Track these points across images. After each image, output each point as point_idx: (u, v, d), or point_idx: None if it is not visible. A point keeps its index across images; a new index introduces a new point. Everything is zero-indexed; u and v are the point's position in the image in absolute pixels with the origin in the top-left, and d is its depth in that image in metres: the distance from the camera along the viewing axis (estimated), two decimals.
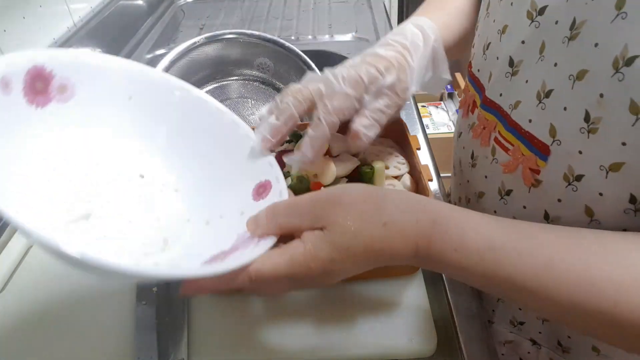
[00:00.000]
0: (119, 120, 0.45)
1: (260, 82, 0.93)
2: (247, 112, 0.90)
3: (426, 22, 0.54)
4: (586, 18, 0.37)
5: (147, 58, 1.18)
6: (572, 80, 0.38)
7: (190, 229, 0.44)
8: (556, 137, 0.41)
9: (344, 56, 1.14)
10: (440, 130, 2.07)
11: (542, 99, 0.41)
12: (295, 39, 1.23)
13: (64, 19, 1.04)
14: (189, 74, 0.87)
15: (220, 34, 0.86)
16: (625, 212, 0.37)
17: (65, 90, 0.42)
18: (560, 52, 0.39)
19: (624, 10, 0.34)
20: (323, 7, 1.42)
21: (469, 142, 0.56)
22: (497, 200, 0.50)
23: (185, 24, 1.40)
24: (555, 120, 0.40)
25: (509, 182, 0.48)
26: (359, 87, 0.47)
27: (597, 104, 0.36)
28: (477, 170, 0.54)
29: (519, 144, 0.45)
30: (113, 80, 0.44)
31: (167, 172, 0.47)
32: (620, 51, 0.34)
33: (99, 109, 0.44)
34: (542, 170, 0.42)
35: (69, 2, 1.06)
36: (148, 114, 0.46)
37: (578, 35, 0.37)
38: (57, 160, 0.42)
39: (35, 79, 0.40)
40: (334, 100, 0.46)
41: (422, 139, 0.82)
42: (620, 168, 0.36)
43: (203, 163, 0.47)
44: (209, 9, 1.46)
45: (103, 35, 1.13)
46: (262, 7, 1.44)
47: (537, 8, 0.41)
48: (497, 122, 0.49)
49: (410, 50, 0.51)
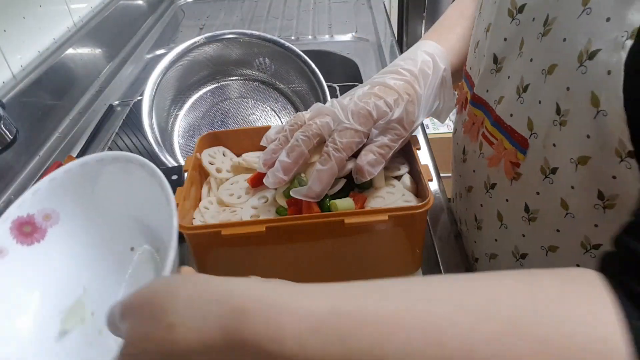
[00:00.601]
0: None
1: (260, 82, 0.93)
2: (247, 112, 0.90)
3: (436, 48, 0.54)
4: (557, 14, 0.38)
5: (147, 58, 1.19)
6: (544, 74, 0.40)
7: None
8: (533, 130, 0.42)
9: (344, 56, 1.14)
10: (440, 130, 2.06)
11: (521, 93, 0.43)
12: (295, 39, 1.23)
13: (64, 19, 1.04)
14: (189, 74, 0.87)
15: (220, 34, 0.86)
16: (595, 207, 0.38)
17: (50, 217, 0.51)
18: (535, 47, 0.41)
19: (589, 6, 0.35)
20: (323, 7, 1.42)
21: (461, 138, 0.57)
22: (484, 194, 0.51)
23: (185, 24, 1.40)
24: (532, 114, 0.42)
25: (493, 176, 0.49)
26: (367, 122, 0.47)
27: (565, 96, 0.37)
28: (467, 165, 0.55)
29: (502, 138, 0.46)
30: (73, 186, 0.52)
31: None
32: (585, 45, 0.35)
33: (81, 209, 0.52)
34: (522, 163, 0.44)
35: (69, 2, 1.06)
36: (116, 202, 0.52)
37: (550, 31, 0.39)
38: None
39: (21, 227, 0.49)
40: (343, 137, 0.46)
41: (422, 139, 0.82)
42: (587, 162, 0.37)
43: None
44: (209, 9, 1.46)
45: (103, 35, 1.13)
46: (262, 7, 1.44)
47: (517, 6, 0.43)
48: (484, 118, 0.50)
49: (419, 80, 0.51)
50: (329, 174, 0.47)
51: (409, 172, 0.55)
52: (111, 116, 0.96)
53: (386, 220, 0.46)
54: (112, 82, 1.08)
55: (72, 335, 0.46)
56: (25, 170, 0.81)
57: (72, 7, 1.07)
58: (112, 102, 0.99)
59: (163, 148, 0.76)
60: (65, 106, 0.96)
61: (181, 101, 0.88)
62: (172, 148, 0.84)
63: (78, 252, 0.51)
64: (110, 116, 0.96)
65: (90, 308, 0.48)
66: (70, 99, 0.98)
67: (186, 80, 0.87)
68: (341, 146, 0.46)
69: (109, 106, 0.98)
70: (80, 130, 0.91)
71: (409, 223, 0.48)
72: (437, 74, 0.53)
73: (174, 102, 0.87)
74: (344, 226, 0.45)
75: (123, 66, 1.14)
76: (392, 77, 0.50)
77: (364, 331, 0.26)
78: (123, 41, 1.24)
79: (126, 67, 1.14)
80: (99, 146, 0.87)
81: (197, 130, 0.86)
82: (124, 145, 0.89)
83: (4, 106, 0.63)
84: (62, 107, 0.95)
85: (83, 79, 1.03)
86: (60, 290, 0.49)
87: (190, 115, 0.88)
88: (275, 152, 0.49)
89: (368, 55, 1.14)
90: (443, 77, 0.54)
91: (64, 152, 0.86)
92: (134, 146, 0.91)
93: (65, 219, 0.52)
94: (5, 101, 0.77)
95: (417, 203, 0.48)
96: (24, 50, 0.90)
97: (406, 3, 2.11)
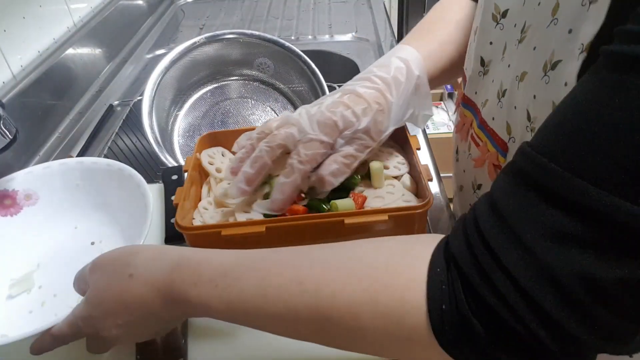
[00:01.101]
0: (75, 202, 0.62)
1: (260, 82, 0.93)
2: (247, 112, 0.90)
3: (412, 54, 0.53)
4: (532, 22, 0.39)
5: (147, 58, 1.19)
6: (517, 80, 0.40)
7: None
8: (511, 134, 0.42)
9: (344, 56, 1.14)
10: (440, 130, 2.06)
11: (501, 97, 0.43)
12: (295, 39, 1.23)
13: (64, 19, 1.04)
14: (189, 74, 0.87)
15: (220, 34, 0.86)
16: None
17: (30, 197, 0.60)
18: (513, 54, 0.41)
19: (556, 16, 0.35)
20: (323, 7, 1.42)
21: (455, 137, 0.58)
22: (472, 194, 0.52)
23: (185, 24, 1.40)
24: (509, 119, 0.42)
25: (479, 177, 0.50)
26: (333, 132, 0.47)
27: (533, 104, 0.38)
28: (459, 165, 0.56)
29: (487, 140, 0.47)
30: (63, 177, 0.61)
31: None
32: (549, 55, 0.35)
33: (60, 199, 0.61)
34: (503, 166, 0.44)
35: (69, 2, 1.06)
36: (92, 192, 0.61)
37: (525, 38, 0.39)
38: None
39: (3, 198, 0.59)
40: (307, 149, 0.46)
41: (422, 139, 0.82)
42: None
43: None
44: (209, 9, 1.46)
45: (103, 35, 1.13)
46: (262, 7, 1.44)
47: (500, 11, 0.44)
48: (472, 119, 0.51)
49: (391, 87, 0.50)
50: (292, 187, 0.47)
51: (409, 172, 0.55)
52: (111, 116, 0.96)
53: (386, 221, 0.46)
54: (112, 82, 1.08)
55: (17, 300, 0.53)
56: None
57: (72, 7, 1.07)
58: (112, 102, 0.99)
59: (163, 148, 0.76)
60: (65, 106, 0.96)
61: (181, 101, 0.88)
62: (172, 148, 0.84)
63: (42, 234, 0.59)
64: (110, 116, 0.96)
65: (38, 282, 0.55)
66: (70, 99, 0.98)
67: (186, 80, 0.87)
68: (305, 158, 0.46)
69: (109, 106, 0.98)
70: (80, 130, 0.91)
71: (409, 223, 0.48)
72: (410, 81, 0.51)
73: (174, 102, 0.87)
74: (344, 226, 0.45)
75: (123, 66, 1.14)
76: (363, 85, 0.50)
77: (258, 270, 0.35)
78: (123, 41, 1.23)
79: (126, 67, 1.14)
80: (99, 146, 0.87)
81: (197, 130, 0.86)
82: (124, 145, 0.89)
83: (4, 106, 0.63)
84: (62, 107, 0.95)
85: (83, 79, 1.03)
86: (17, 260, 0.57)
87: (190, 115, 0.88)
88: (242, 160, 0.50)
89: (368, 55, 1.14)
90: (417, 84, 0.52)
91: (64, 152, 0.86)
92: (134, 146, 0.91)
93: (42, 203, 0.60)
94: (5, 101, 0.78)
95: (417, 203, 0.48)
96: (24, 50, 0.90)
97: (406, 3, 2.11)
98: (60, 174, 0.60)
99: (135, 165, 0.82)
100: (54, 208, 0.60)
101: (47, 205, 0.60)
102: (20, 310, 0.52)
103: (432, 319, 0.29)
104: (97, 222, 0.60)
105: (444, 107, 2.19)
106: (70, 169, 0.60)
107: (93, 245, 0.58)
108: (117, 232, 0.59)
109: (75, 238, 0.60)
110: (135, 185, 0.56)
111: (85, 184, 0.60)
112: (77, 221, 0.61)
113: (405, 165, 0.56)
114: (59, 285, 0.54)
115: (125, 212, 0.57)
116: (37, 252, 0.58)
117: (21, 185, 0.60)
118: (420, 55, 0.53)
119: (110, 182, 0.59)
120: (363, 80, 0.51)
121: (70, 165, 0.60)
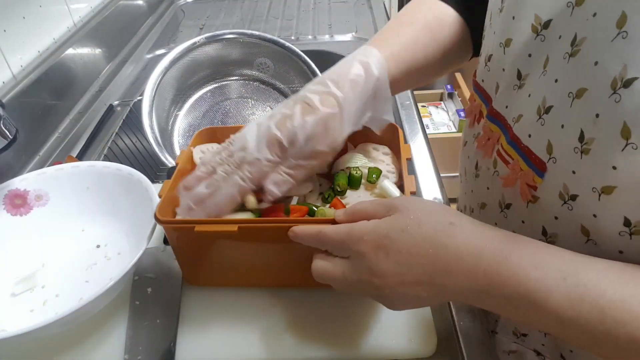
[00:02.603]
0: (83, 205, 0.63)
1: (260, 82, 0.93)
2: (247, 112, 0.90)
3: (374, 56, 0.51)
4: (587, 35, 0.35)
5: (147, 58, 1.19)
6: (571, 97, 0.37)
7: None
8: (552, 154, 0.40)
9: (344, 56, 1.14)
10: (440, 130, 2.06)
11: (542, 114, 0.40)
12: (295, 39, 1.23)
13: (64, 19, 1.04)
14: (189, 74, 0.87)
15: (220, 34, 0.86)
16: (620, 234, 0.36)
17: (41, 198, 0.61)
18: (561, 68, 0.38)
19: (625, 29, 0.32)
20: (323, 7, 1.42)
21: (473, 152, 0.55)
22: (498, 213, 0.50)
23: (185, 24, 1.40)
24: (553, 137, 0.39)
25: (508, 196, 0.47)
26: (280, 150, 0.47)
27: (593, 124, 0.35)
28: (480, 181, 0.53)
29: (519, 158, 0.44)
30: (74, 180, 0.62)
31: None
32: (619, 72, 0.33)
33: (70, 201, 0.62)
34: (539, 186, 0.41)
35: (69, 2, 1.06)
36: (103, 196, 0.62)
37: (579, 52, 0.36)
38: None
39: (14, 197, 0.60)
40: (252, 167, 0.47)
41: (422, 139, 0.82)
42: (612, 191, 0.35)
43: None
44: (209, 9, 1.46)
45: (103, 35, 1.13)
46: (262, 7, 1.44)
47: (542, 22, 0.41)
48: (500, 134, 0.48)
49: (347, 92, 0.48)
50: (226, 199, 0.47)
51: (399, 182, 0.54)
52: (111, 116, 0.96)
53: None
54: (112, 82, 1.08)
55: (19, 297, 0.54)
56: (25, 170, 0.81)
57: (72, 7, 1.07)
58: (112, 102, 0.99)
59: (163, 148, 0.76)
60: (65, 106, 0.96)
61: (181, 101, 0.88)
62: (172, 148, 0.84)
63: (50, 234, 0.60)
64: (110, 116, 0.96)
65: (42, 282, 0.56)
66: (70, 99, 0.98)
67: (186, 80, 0.87)
68: (249, 176, 0.47)
69: (109, 106, 0.98)
70: (80, 130, 0.91)
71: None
72: (369, 84, 0.50)
73: (174, 102, 0.87)
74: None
75: (123, 66, 1.14)
76: (316, 91, 0.48)
77: (608, 289, 0.33)
78: (123, 41, 1.24)
79: (126, 67, 1.14)
80: (99, 146, 0.87)
81: (197, 130, 0.86)
82: (124, 145, 0.89)
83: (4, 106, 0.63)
84: (62, 107, 0.95)
85: (83, 79, 1.03)
86: (22, 259, 0.58)
87: (190, 115, 0.88)
88: (199, 179, 0.49)
89: None
90: (376, 87, 0.50)
91: (64, 152, 0.86)
92: (134, 146, 0.91)
93: (52, 204, 0.61)
94: (5, 101, 0.78)
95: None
96: (24, 50, 0.90)
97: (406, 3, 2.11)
98: (72, 176, 0.62)
99: (135, 165, 0.82)
100: (63, 210, 0.61)
101: (57, 207, 0.61)
102: (22, 308, 0.53)
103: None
104: (103, 225, 0.61)
105: (444, 107, 2.20)
106: (81, 172, 0.62)
107: (98, 248, 0.59)
108: (123, 235, 0.60)
109: (82, 240, 0.60)
110: (143, 189, 0.57)
111: (95, 187, 0.62)
112: (84, 223, 0.62)
113: (394, 175, 0.55)
114: (62, 286, 0.55)
115: (132, 215, 0.58)
116: (43, 252, 0.59)
117: (33, 185, 0.61)
118: (382, 58, 0.51)
119: (119, 186, 0.60)
120: (317, 85, 0.49)
121: (82, 169, 0.62)
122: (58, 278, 0.56)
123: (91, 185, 0.62)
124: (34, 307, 0.53)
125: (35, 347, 0.50)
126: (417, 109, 0.91)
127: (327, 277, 0.42)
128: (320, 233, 0.42)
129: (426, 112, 2.16)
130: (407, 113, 0.89)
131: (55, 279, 0.56)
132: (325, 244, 0.42)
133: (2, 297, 0.54)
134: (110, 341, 0.50)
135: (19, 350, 0.50)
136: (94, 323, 0.51)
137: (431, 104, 2.20)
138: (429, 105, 2.20)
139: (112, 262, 0.57)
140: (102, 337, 0.50)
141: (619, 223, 0.36)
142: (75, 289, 0.54)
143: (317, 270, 0.42)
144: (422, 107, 2.18)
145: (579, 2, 0.36)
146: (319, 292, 0.53)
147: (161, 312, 0.52)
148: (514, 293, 0.34)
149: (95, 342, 0.50)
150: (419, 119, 0.88)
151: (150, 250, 0.57)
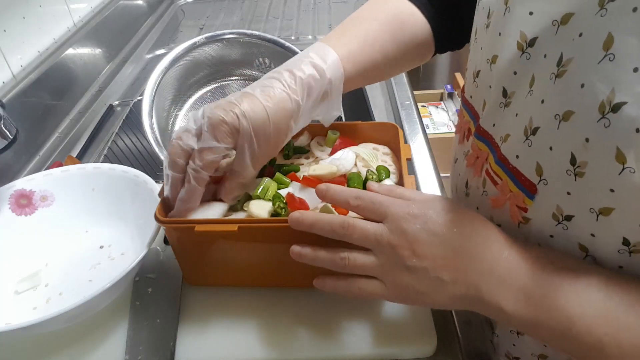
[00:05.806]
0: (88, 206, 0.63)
1: None
2: None
3: (328, 54, 0.51)
4: (573, 55, 0.34)
5: (147, 58, 1.19)
6: (557, 119, 0.35)
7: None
8: (543, 176, 0.38)
9: None
10: (440, 130, 2.06)
11: (529, 135, 0.39)
12: (295, 39, 1.23)
13: (64, 19, 1.04)
14: (189, 74, 0.87)
15: (220, 34, 0.86)
16: (619, 252, 0.36)
17: (46, 199, 0.62)
18: (548, 88, 0.37)
19: (612, 51, 0.31)
20: (323, 7, 1.42)
21: (463, 169, 0.53)
22: None
23: (185, 24, 1.40)
24: (542, 160, 0.38)
25: (497, 217, 0.46)
26: (226, 138, 0.46)
27: (583, 147, 0.34)
28: (470, 200, 0.52)
29: (507, 179, 0.43)
30: (79, 181, 0.63)
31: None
32: (607, 95, 0.31)
33: (75, 202, 0.62)
34: (530, 208, 0.40)
35: (69, 2, 1.06)
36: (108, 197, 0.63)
37: (565, 72, 0.35)
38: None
39: (19, 197, 0.61)
40: (199, 158, 0.46)
41: (422, 139, 0.82)
42: (610, 213, 0.34)
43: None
44: (209, 9, 1.46)
45: (103, 35, 1.13)
46: (262, 7, 1.44)
47: (527, 39, 0.39)
48: (488, 153, 0.46)
49: (298, 92, 0.49)
50: (191, 193, 0.47)
51: (399, 182, 0.54)
52: (111, 116, 0.96)
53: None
54: (112, 82, 1.08)
55: (23, 295, 0.54)
56: (25, 170, 0.81)
57: (72, 7, 1.07)
58: (112, 102, 0.99)
59: (163, 148, 0.76)
60: (65, 106, 0.96)
61: (181, 101, 0.88)
62: None
63: (54, 235, 0.61)
64: (110, 116, 0.96)
65: (45, 281, 0.56)
66: (70, 99, 0.98)
67: (186, 80, 0.87)
68: (200, 165, 0.46)
69: (109, 106, 0.98)
70: (80, 130, 0.91)
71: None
72: (322, 84, 0.50)
73: (174, 102, 0.87)
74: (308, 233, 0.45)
75: (123, 66, 1.14)
76: (265, 88, 0.48)
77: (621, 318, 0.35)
78: (123, 41, 1.24)
79: (126, 67, 1.14)
80: (99, 146, 0.87)
81: None
82: (124, 145, 0.89)
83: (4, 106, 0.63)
84: (62, 107, 0.95)
85: (83, 79, 1.03)
86: (27, 258, 0.58)
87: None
88: (174, 186, 0.49)
89: None
90: (327, 89, 0.50)
91: (64, 152, 0.86)
92: (134, 146, 0.91)
93: (57, 205, 0.62)
94: (5, 101, 0.78)
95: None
96: (24, 50, 0.90)
97: None
98: (78, 177, 0.63)
99: (135, 165, 0.82)
100: (68, 211, 0.62)
101: (62, 208, 0.62)
102: (25, 305, 0.53)
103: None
104: (107, 227, 0.61)
105: (444, 107, 2.20)
106: (87, 174, 0.63)
107: (102, 249, 0.60)
108: (127, 236, 0.60)
109: (85, 241, 0.61)
110: (149, 191, 0.57)
111: (100, 189, 0.62)
112: (89, 225, 0.62)
113: (395, 175, 0.55)
114: (65, 285, 0.55)
115: (137, 217, 0.58)
116: (47, 251, 0.59)
117: (39, 186, 0.62)
118: (337, 55, 0.51)
119: (125, 188, 0.61)
120: (272, 80, 0.49)
121: (88, 170, 0.63)
122: (61, 277, 0.56)
123: (96, 186, 0.62)
124: (37, 304, 0.53)
125: (37, 347, 0.50)
126: (417, 109, 0.91)
127: (364, 269, 0.43)
128: (360, 191, 0.44)
129: (426, 112, 2.16)
130: (407, 113, 0.89)
131: (59, 277, 0.56)
132: (364, 199, 0.43)
133: (5, 295, 0.54)
134: (111, 341, 0.50)
135: (21, 349, 0.50)
136: (95, 323, 0.52)
137: (431, 104, 2.20)
138: (429, 105, 2.20)
139: (116, 263, 0.57)
140: (103, 338, 0.50)
141: (617, 243, 0.35)
142: (78, 288, 0.55)
143: (354, 266, 0.43)
144: (422, 107, 2.18)
145: (564, 21, 0.35)
146: (319, 292, 0.53)
147: (161, 312, 0.52)
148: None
149: (97, 343, 0.50)
150: (419, 119, 0.88)
151: (151, 250, 0.57)
